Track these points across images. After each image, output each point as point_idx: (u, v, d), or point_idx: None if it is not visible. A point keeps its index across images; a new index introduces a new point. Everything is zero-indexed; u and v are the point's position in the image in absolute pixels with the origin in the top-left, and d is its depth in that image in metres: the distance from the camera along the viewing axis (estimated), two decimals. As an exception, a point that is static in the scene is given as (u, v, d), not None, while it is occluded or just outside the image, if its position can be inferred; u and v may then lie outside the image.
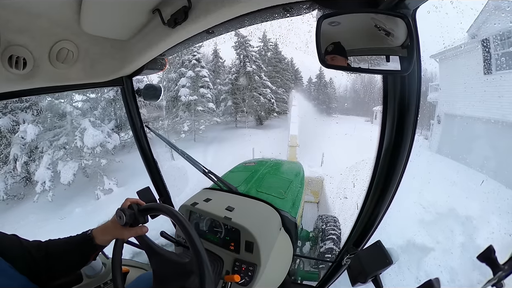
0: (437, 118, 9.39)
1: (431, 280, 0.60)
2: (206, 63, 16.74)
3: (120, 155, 10.43)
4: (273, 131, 14.81)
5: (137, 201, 0.85)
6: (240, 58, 16.68)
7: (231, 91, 16.65)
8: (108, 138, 8.93)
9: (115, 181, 8.53)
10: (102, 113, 10.62)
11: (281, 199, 1.74)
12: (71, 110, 9.09)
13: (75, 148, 8.48)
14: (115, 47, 1.03)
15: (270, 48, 19.47)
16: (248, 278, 1.08)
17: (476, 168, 5.78)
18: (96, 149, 8.47)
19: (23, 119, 8.71)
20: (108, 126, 10.78)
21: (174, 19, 0.73)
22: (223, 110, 16.75)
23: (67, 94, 8.98)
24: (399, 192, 0.87)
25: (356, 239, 1.05)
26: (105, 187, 8.27)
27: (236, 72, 16.76)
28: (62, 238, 0.82)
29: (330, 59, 0.56)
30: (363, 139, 4.42)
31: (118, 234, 0.81)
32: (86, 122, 8.66)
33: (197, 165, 1.51)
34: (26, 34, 0.80)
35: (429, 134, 11.72)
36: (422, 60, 0.66)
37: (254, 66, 16.60)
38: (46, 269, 0.74)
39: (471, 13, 5.60)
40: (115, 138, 9.34)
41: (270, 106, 16.99)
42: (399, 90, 0.68)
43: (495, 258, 0.58)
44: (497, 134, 6.19)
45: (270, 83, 17.19)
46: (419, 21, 0.55)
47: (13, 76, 0.85)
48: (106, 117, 10.91)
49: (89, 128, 8.48)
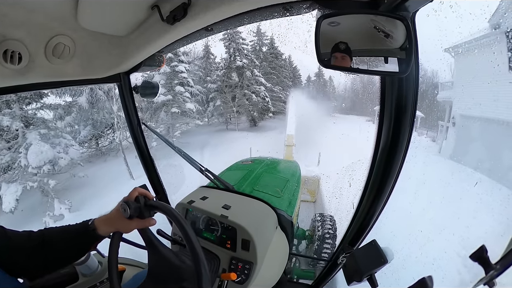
0: (452, 120, 8.48)
1: (425, 278, 0.61)
2: (195, 59, 15.41)
3: (89, 167, 9.40)
4: (267, 134, 13.49)
5: (145, 193, 0.79)
6: (230, 51, 14.74)
7: (220, 89, 14.86)
8: (62, 154, 7.59)
9: (68, 205, 7.32)
10: (76, 118, 9.63)
11: (277, 197, 1.75)
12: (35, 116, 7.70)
13: (19, 168, 7.11)
14: (112, 43, 1.01)
15: (266, 43, 17.91)
16: (245, 276, 1.08)
17: (499, 181, 5.07)
18: (43, 168, 7.05)
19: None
20: (84, 132, 9.86)
21: (173, 15, 0.72)
22: (211, 110, 15.11)
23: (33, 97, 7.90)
24: (394, 191, 0.89)
25: (351, 238, 1.06)
26: (55, 213, 7.03)
27: (224, 67, 14.83)
28: (59, 227, 0.77)
29: (341, 57, 0.56)
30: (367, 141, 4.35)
31: (123, 225, 0.77)
32: (32, 136, 7.22)
33: (194, 163, 1.51)
34: (22, 29, 0.79)
35: (437, 136, 11.16)
36: (420, 62, 0.67)
37: (245, 61, 14.78)
38: (41, 260, 0.70)
39: (469, 17, 5.64)
40: (73, 151, 8.06)
41: (265, 105, 15.36)
42: (397, 91, 0.69)
43: (487, 257, 0.60)
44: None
45: (265, 80, 15.73)
46: (418, 24, 0.56)
47: (8, 71, 0.83)
48: (82, 122, 9.94)
49: (35, 143, 7.10)
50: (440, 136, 10.30)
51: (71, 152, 8.34)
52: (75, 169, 8.42)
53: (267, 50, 18.05)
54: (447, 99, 9.27)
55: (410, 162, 0.90)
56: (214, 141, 12.56)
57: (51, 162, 7.31)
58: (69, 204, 7.32)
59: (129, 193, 0.79)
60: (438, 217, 4.31)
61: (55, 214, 7.03)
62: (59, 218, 7.02)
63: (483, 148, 6.31)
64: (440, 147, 9.63)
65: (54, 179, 7.47)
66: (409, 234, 3.67)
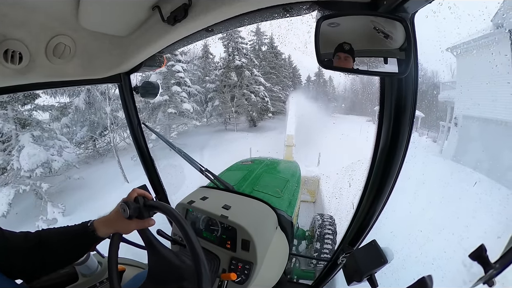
0: (454, 120, 8.29)
1: (424, 277, 0.61)
2: (193, 58, 15.09)
3: (85, 168, 9.20)
4: (267, 134, 13.21)
5: (144, 193, 0.80)
6: (229, 51, 14.63)
7: (218, 89, 14.60)
8: (56, 156, 7.38)
9: (62, 208, 7.10)
10: (72, 119, 9.51)
11: (277, 198, 1.75)
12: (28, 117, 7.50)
13: (11, 171, 6.96)
14: (113, 43, 1.02)
15: (265, 42, 17.68)
16: (245, 276, 1.08)
17: (498, 180, 5.02)
18: (35, 171, 6.88)
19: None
20: (81, 133, 9.65)
21: (174, 16, 0.73)
22: (210, 110, 14.82)
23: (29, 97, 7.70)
24: (394, 192, 0.89)
25: (351, 238, 1.06)
26: (48, 217, 6.85)
27: (223, 66, 14.60)
28: (57, 228, 0.77)
29: (344, 58, 0.56)
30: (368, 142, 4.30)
31: (123, 226, 0.77)
32: (25, 138, 7.04)
33: (194, 164, 1.51)
34: (23, 28, 0.79)
35: (437, 136, 11.01)
36: (420, 62, 0.67)
37: (244, 60, 14.55)
38: (38, 261, 0.69)
39: (468, 18, 5.64)
40: (68, 153, 7.75)
41: (264, 105, 15.09)
42: (396, 91, 0.69)
43: (487, 256, 0.60)
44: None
45: (265, 79, 15.50)
46: (417, 25, 0.56)
47: (9, 70, 0.83)
48: (79, 123, 9.79)
49: (28, 146, 6.92)
50: (441, 136, 10.17)
51: (66, 154, 8.15)
52: (70, 171, 8.20)
53: (266, 49, 17.82)
54: (448, 99, 9.19)
55: (410, 163, 0.91)
56: (212, 142, 12.31)
57: (44, 165, 7.12)
58: (62, 208, 7.15)
59: (128, 194, 0.79)
60: (438, 217, 4.31)
61: (48, 218, 6.89)
62: (52, 222, 6.86)
63: (484, 148, 6.22)
64: (441, 148, 9.48)
65: (47, 182, 7.29)
66: (409, 234, 3.67)
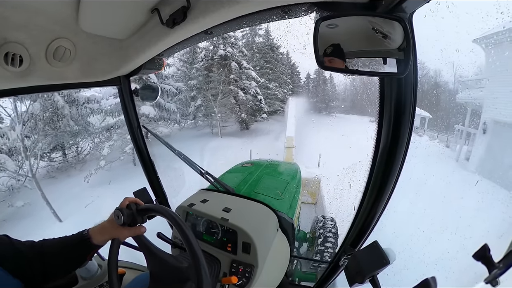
0: (483, 126, 6.92)
1: (428, 279, 0.61)
2: (183, 53, 12.88)
3: (48, 184, 8.11)
4: (258, 140, 11.00)
5: (136, 200, 0.83)
6: (212, 40, 11.82)
7: (200, 87, 12.09)
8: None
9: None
10: (32, 128, 8.24)
11: (278, 200, 1.74)
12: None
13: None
14: (113, 46, 1.02)
15: (260, 33, 15.38)
16: (245, 279, 1.07)
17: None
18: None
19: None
20: (41, 144, 8.18)
21: (173, 19, 0.73)
22: (193, 111, 12.59)
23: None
24: (396, 192, 0.88)
25: (353, 239, 1.06)
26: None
27: (204, 58, 12.13)
28: (57, 238, 0.80)
29: (328, 61, 0.56)
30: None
31: (116, 234, 0.80)
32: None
33: (194, 166, 1.51)
34: (23, 31, 0.79)
35: (447, 139, 9.99)
36: (420, 62, 0.67)
37: (230, 49, 11.97)
38: (41, 269, 0.72)
39: (466, 17, 5.67)
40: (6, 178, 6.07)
41: (257, 105, 12.62)
42: (395, 91, 0.69)
43: (490, 256, 0.59)
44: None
45: (259, 75, 13.00)
46: (415, 25, 0.56)
47: (9, 73, 0.84)
48: (41, 132, 8.45)
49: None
50: (457, 141, 8.89)
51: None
52: (17, 196, 6.79)
53: (261, 40, 15.62)
54: (470, 100, 7.86)
55: (427, 177, 0.88)
56: (185, 152, 11.69)
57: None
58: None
59: (121, 203, 0.82)
60: (438, 217, 4.29)
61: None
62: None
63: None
64: (457, 155, 8.34)
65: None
66: (411, 234, 3.65)
